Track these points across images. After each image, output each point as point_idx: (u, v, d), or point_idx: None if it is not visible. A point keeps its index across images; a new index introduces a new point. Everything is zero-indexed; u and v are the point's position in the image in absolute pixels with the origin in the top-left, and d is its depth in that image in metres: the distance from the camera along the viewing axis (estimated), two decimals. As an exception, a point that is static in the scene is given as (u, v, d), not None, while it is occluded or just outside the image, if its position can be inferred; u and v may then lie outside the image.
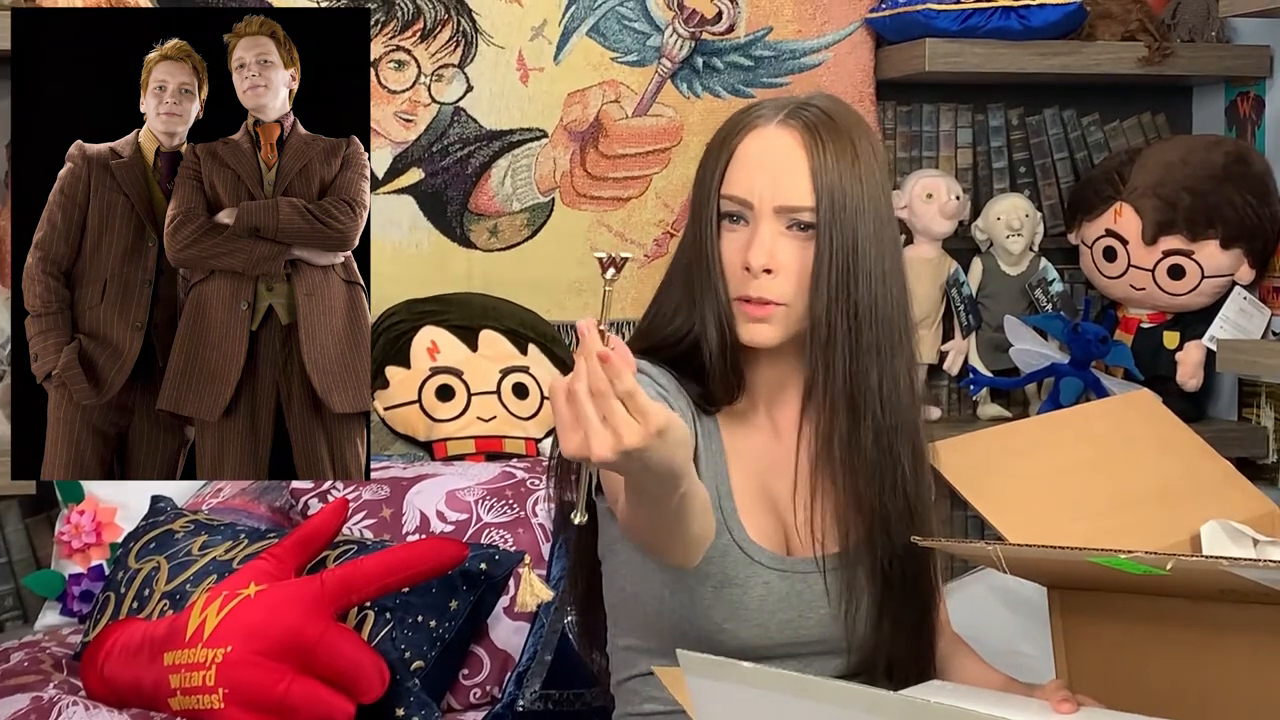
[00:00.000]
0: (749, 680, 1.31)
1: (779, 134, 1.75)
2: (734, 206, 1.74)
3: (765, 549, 1.77)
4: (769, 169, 1.73)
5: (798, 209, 1.72)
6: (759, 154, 1.74)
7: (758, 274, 1.72)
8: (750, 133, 1.76)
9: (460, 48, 2.89)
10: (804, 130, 1.74)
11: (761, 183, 1.73)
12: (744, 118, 1.78)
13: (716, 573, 1.74)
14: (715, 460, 1.78)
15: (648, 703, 1.83)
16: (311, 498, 2.44)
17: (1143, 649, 1.68)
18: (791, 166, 1.73)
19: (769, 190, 1.73)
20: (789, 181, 1.73)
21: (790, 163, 1.73)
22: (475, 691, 2.30)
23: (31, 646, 2.38)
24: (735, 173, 1.75)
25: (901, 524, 1.76)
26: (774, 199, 1.72)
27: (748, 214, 1.74)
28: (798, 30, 3.00)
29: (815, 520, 1.78)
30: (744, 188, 1.73)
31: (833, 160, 1.73)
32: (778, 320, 1.74)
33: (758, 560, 1.76)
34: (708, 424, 1.79)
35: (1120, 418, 2.13)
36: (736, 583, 1.74)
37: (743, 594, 1.75)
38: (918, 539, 1.73)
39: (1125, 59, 2.94)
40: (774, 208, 1.72)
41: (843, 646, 1.79)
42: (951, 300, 3.00)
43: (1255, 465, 2.94)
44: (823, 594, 1.77)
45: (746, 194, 1.73)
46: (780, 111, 1.76)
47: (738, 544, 1.75)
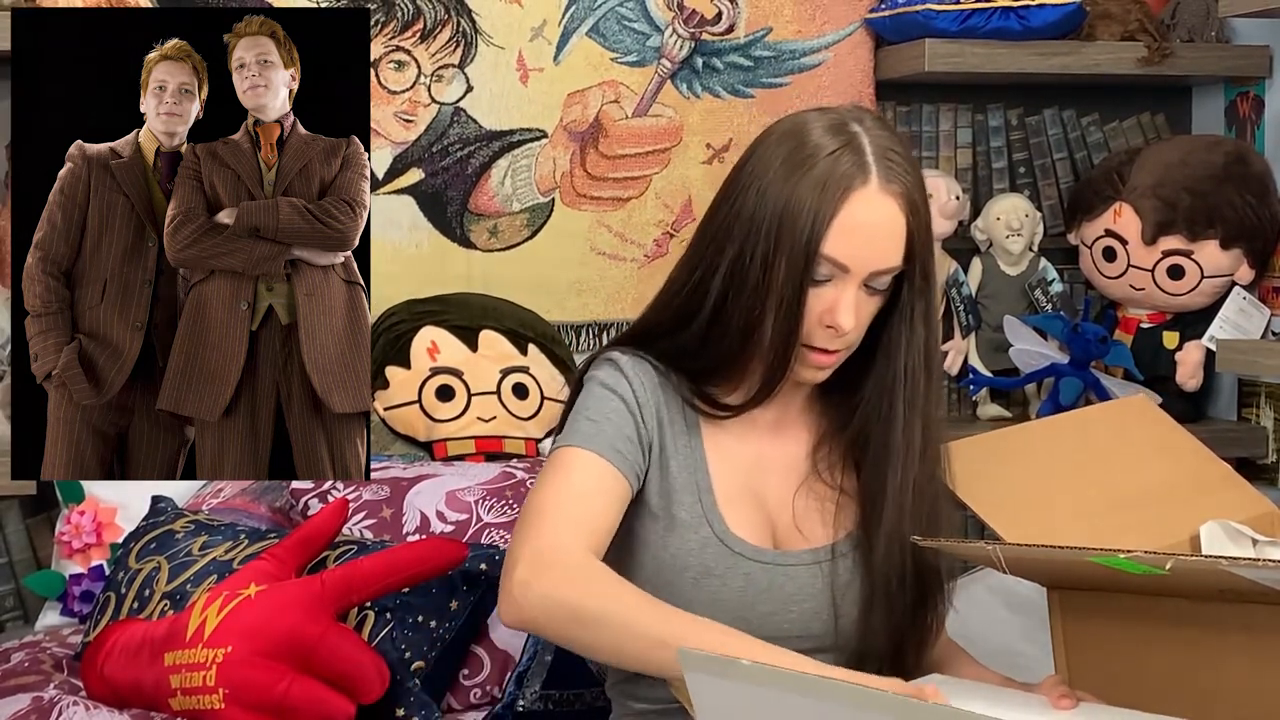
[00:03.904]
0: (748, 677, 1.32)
1: (884, 203, 1.73)
2: (829, 268, 1.73)
3: (748, 542, 1.78)
4: (877, 240, 1.73)
5: (890, 270, 1.75)
6: (866, 225, 1.72)
7: (843, 333, 1.74)
8: (855, 196, 1.72)
9: (460, 48, 2.89)
10: (905, 199, 1.74)
11: (867, 252, 1.73)
12: (835, 166, 1.72)
13: (696, 564, 1.76)
14: (693, 454, 1.80)
15: (640, 702, 1.83)
16: (311, 498, 2.44)
17: (1143, 649, 1.68)
18: (895, 236, 1.74)
19: (873, 259, 1.73)
20: (890, 251, 1.74)
21: (894, 232, 1.74)
22: (475, 691, 2.30)
23: (32, 647, 2.38)
24: (841, 239, 1.72)
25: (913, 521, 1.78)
26: (874, 265, 1.73)
27: (837, 275, 1.73)
28: (797, 30, 3.00)
29: (811, 514, 1.79)
30: (848, 255, 1.72)
31: (924, 221, 1.76)
32: (838, 362, 1.79)
33: (738, 552, 1.77)
34: (691, 424, 1.81)
35: (1117, 421, 2.13)
36: (716, 574, 1.76)
37: (722, 585, 1.76)
38: (917, 539, 1.73)
39: (1125, 59, 2.94)
40: (871, 271, 1.74)
41: (831, 643, 1.79)
42: (951, 300, 3.00)
43: (1255, 465, 2.94)
44: (810, 587, 1.78)
45: (849, 261, 1.72)
46: (874, 169, 1.73)
47: (718, 536, 1.77)
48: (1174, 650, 1.65)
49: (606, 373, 1.81)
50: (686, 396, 1.81)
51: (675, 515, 1.77)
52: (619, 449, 1.75)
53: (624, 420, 1.77)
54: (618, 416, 1.77)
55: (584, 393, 1.81)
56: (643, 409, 1.78)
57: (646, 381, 1.80)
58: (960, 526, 1.89)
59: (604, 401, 1.78)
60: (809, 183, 1.72)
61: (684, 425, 1.80)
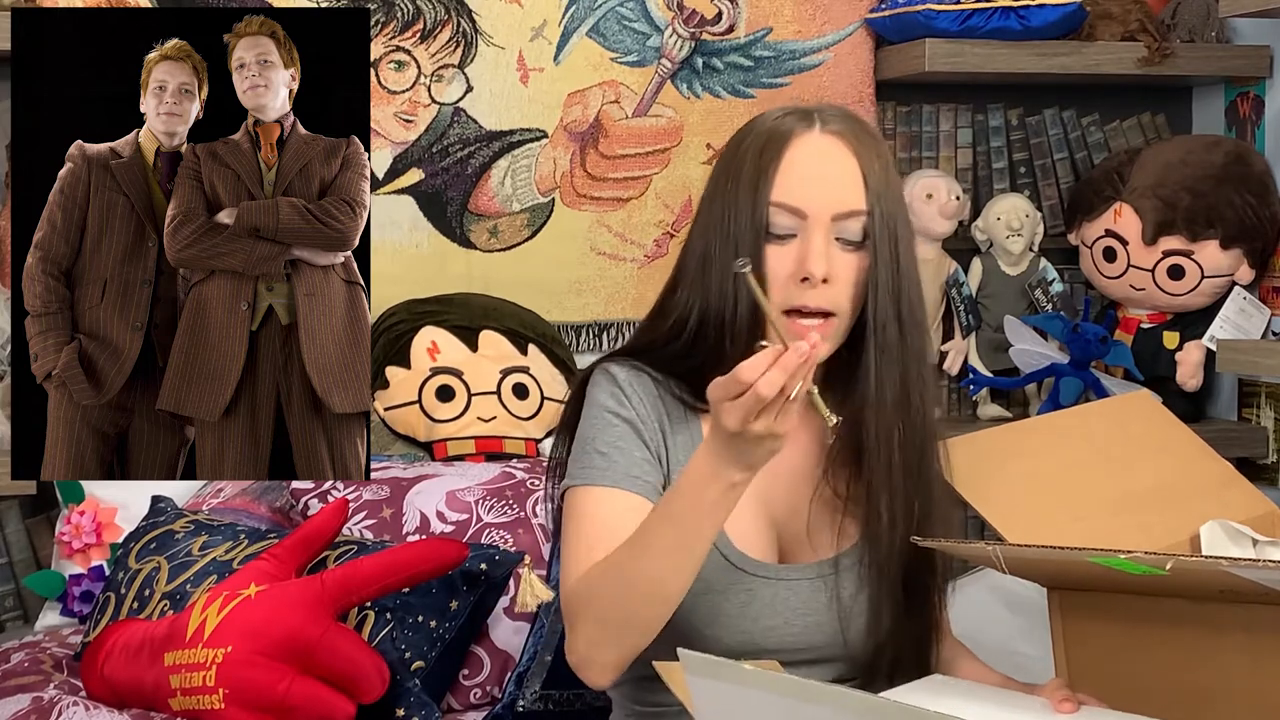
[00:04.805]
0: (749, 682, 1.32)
1: (828, 141, 1.71)
2: (785, 216, 1.70)
3: (751, 556, 1.76)
4: (826, 177, 1.70)
5: (854, 213, 1.70)
6: (813, 162, 1.70)
7: (816, 284, 1.68)
8: (796, 142, 1.71)
9: (460, 48, 2.89)
10: (851, 138, 1.71)
11: (818, 191, 1.69)
12: (778, 125, 1.73)
13: (699, 580, 1.74)
14: None
15: (640, 704, 1.83)
16: (311, 498, 2.44)
17: (1143, 649, 1.67)
18: (846, 174, 1.70)
19: (827, 198, 1.69)
20: (845, 189, 1.70)
21: (845, 170, 1.70)
22: (475, 691, 2.30)
23: (32, 647, 2.38)
24: (787, 181, 1.70)
25: (920, 524, 1.76)
26: (832, 206, 1.69)
27: (798, 226, 1.70)
28: (798, 30, 3.00)
29: (821, 525, 1.77)
30: (799, 196, 1.69)
31: (878, 167, 1.71)
32: (831, 334, 1.71)
33: (740, 567, 1.75)
34: (694, 429, 1.78)
35: (1120, 418, 2.13)
36: (716, 589, 1.74)
37: (722, 600, 1.74)
38: (917, 539, 1.73)
39: (1125, 59, 2.94)
40: (831, 215, 1.69)
41: (839, 654, 1.78)
42: (951, 300, 3.00)
43: (1255, 465, 2.94)
44: (814, 600, 1.77)
45: (802, 202, 1.69)
46: (811, 120, 1.73)
47: (721, 552, 1.75)
48: (1174, 650, 1.65)
49: (607, 394, 1.77)
50: (688, 401, 1.78)
51: None
52: (634, 474, 1.72)
53: (632, 443, 1.74)
54: (625, 442, 1.74)
55: (587, 419, 1.77)
56: (646, 426, 1.75)
57: (646, 395, 1.77)
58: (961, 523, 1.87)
59: (609, 429, 1.75)
60: (754, 151, 1.72)
61: (689, 436, 1.78)
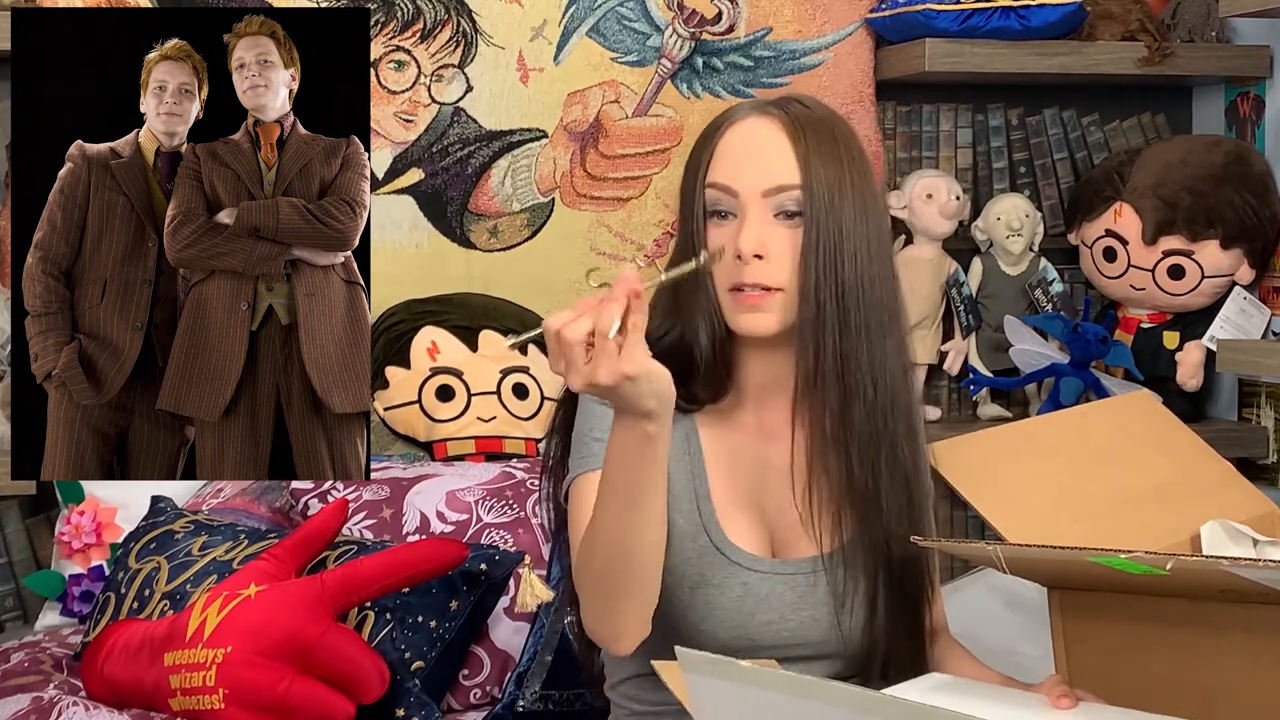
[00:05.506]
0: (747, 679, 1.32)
1: (761, 123, 1.76)
2: (720, 195, 1.74)
3: (746, 551, 1.77)
4: (754, 156, 1.74)
5: (785, 188, 1.72)
6: (743, 142, 1.75)
7: (749, 260, 1.71)
8: (731, 126, 1.77)
9: (460, 48, 2.89)
10: (785, 118, 1.75)
11: (747, 170, 1.73)
12: (723, 117, 1.79)
13: (693, 574, 1.75)
14: (693, 462, 1.79)
15: (638, 703, 1.83)
16: (311, 498, 2.44)
17: (1143, 649, 1.67)
18: (776, 151, 1.74)
19: (756, 176, 1.73)
20: (775, 165, 1.73)
21: (775, 147, 1.74)
22: (475, 692, 2.30)
23: (32, 647, 2.38)
24: (720, 163, 1.75)
25: (900, 514, 1.76)
26: (761, 183, 1.73)
27: (735, 205, 1.73)
28: (798, 30, 3.00)
29: (809, 519, 1.78)
30: (729, 175, 1.74)
31: (814, 143, 1.74)
32: (775, 307, 1.73)
33: (736, 561, 1.76)
34: (685, 425, 1.79)
35: (1120, 418, 2.13)
36: (713, 584, 1.75)
37: (718, 595, 1.75)
38: (917, 539, 1.73)
39: (1125, 59, 2.94)
40: (762, 191, 1.72)
41: (834, 650, 1.79)
42: (951, 300, 3.00)
43: (1255, 465, 2.94)
44: (810, 595, 1.77)
45: (732, 181, 1.73)
46: (764, 108, 1.78)
47: (715, 545, 1.76)
48: (1174, 650, 1.65)
49: None
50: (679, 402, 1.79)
51: (674, 522, 1.75)
52: None
53: None
54: None
55: (582, 414, 1.78)
56: None
57: None
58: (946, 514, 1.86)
59: (604, 418, 1.74)
60: (700, 139, 1.79)
61: (681, 432, 1.79)
